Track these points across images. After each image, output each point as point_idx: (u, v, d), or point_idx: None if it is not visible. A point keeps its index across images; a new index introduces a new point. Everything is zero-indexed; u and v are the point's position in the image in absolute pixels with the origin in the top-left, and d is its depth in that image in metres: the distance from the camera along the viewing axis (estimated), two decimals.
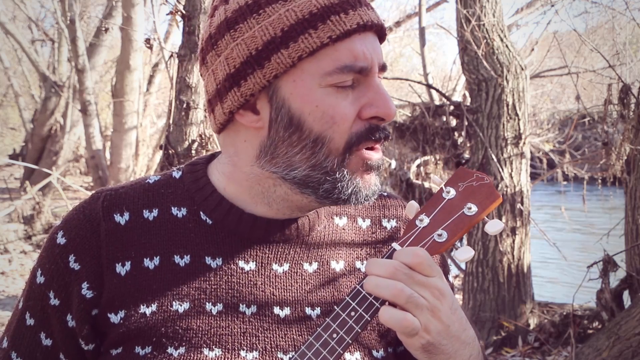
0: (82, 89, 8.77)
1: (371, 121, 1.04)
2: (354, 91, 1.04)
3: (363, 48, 1.03)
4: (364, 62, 1.02)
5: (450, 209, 1.03)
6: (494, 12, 5.05)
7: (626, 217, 4.35)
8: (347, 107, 1.03)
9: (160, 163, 3.28)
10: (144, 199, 1.13)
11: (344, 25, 1.01)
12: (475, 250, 5.04)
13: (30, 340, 1.12)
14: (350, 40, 1.02)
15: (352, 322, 0.97)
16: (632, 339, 3.43)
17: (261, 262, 1.10)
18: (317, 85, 1.02)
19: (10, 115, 20.48)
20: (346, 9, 1.02)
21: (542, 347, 4.82)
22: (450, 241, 1.01)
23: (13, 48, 14.89)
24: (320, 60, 1.01)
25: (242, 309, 1.07)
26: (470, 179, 1.05)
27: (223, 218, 1.10)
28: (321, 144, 1.03)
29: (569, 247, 8.31)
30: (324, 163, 1.03)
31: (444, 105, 5.39)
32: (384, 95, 1.04)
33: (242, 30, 1.03)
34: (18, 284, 7.02)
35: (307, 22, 1.01)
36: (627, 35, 6.23)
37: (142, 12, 8.10)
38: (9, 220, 8.98)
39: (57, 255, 1.09)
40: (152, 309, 1.06)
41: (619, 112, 4.30)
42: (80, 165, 15.40)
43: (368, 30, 1.04)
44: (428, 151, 5.37)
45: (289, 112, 1.03)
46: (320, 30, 1.00)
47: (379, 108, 1.04)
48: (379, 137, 1.05)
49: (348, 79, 1.02)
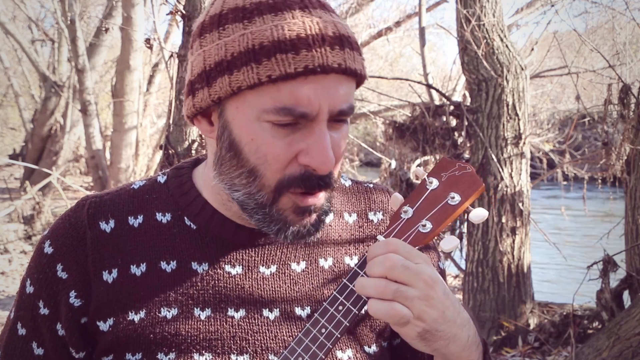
0: (82, 89, 8.76)
1: (307, 168, 0.99)
2: (296, 132, 0.98)
3: (309, 93, 0.96)
4: (307, 108, 0.96)
5: (433, 199, 1.03)
6: (494, 12, 5.05)
7: (626, 217, 4.35)
8: (281, 147, 0.98)
9: (160, 163, 3.27)
10: (128, 206, 1.12)
11: (287, 66, 0.94)
12: (475, 250, 5.04)
13: (22, 350, 1.12)
14: (294, 82, 0.95)
15: (340, 317, 0.97)
16: (632, 339, 3.43)
17: (247, 265, 1.09)
18: (255, 118, 0.98)
19: (10, 115, 20.47)
20: (298, 48, 0.95)
21: (542, 347, 4.82)
22: (435, 231, 1.01)
23: (13, 48, 14.88)
24: (261, 95, 0.97)
25: (231, 313, 1.07)
26: (452, 169, 1.05)
27: (207, 223, 1.10)
28: (254, 177, 1.00)
29: (569, 247, 8.30)
30: (256, 195, 1.01)
31: (444, 105, 5.39)
32: (323, 145, 0.97)
33: (207, 40, 1.02)
34: (18, 284, 7.00)
35: (254, 53, 0.96)
36: (627, 35, 6.23)
37: (142, 12, 8.10)
38: (9, 220, 8.97)
39: (44, 265, 1.10)
40: (141, 315, 1.06)
41: (619, 112, 4.30)
42: (80, 165, 15.39)
43: (324, 73, 0.96)
44: (428, 151, 5.37)
45: (230, 136, 1.01)
46: (263, 66, 0.95)
47: (312, 159, 0.98)
48: (313, 186, 1.00)
49: (286, 120, 0.97)
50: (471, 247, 5.09)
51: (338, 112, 0.99)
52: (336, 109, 0.99)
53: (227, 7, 1.01)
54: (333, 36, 0.97)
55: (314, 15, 0.99)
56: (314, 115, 0.97)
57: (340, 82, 0.98)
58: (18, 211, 9.00)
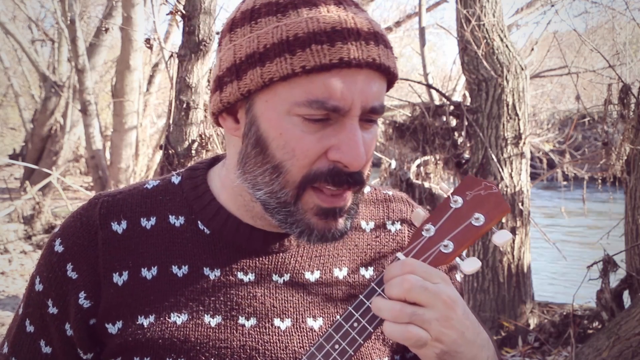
0: (82, 89, 8.76)
1: (337, 164, 0.97)
2: (327, 127, 0.96)
3: (343, 86, 0.94)
4: (340, 102, 0.94)
5: (457, 219, 1.00)
6: (494, 12, 5.05)
7: (626, 217, 4.35)
8: (311, 142, 0.96)
9: (160, 163, 3.27)
10: (141, 207, 1.10)
11: (322, 57, 0.93)
12: (475, 250, 5.05)
13: (29, 348, 1.11)
14: (329, 74, 0.94)
15: (354, 334, 0.95)
16: (632, 339, 3.43)
17: (260, 273, 1.07)
18: (285, 112, 0.96)
19: (10, 115, 20.47)
20: (334, 40, 0.94)
21: (542, 347, 4.82)
22: (457, 252, 0.99)
23: (13, 48, 14.88)
24: (293, 88, 0.95)
25: (241, 321, 1.05)
26: (478, 188, 1.02)
27: (221, 228, 1.08)
28: (279, 173, 0.98)
29: (569, 247, 8.30)
30: (278, 193, 0.98)
31: (444, 105, 5.39)
32: (354, 141, 0.95)
33: (238, 34, 1.00)
34: (18, 284, 7.02)
35: (288, 44, 0.94)
36: (627, 35, 6.23)
37: (142, 12, 8.10)
38: (9, 220, 8.97)
39: (55, 264, 1.08)
40: (150, 320, 1.05)
41: (619, 112, 4.29)
42: (80, 165, 15.39)
43: (358, 68, 0.95)
44: (428, 151, 5.37)
45: (257, 132, 0.99)
46: (297, 57, 0.94)
47: (343, 154, 0.95)
48: (341, 182, 0.97)
49: (318, 114, 0.95)
50: (471, 247, 5.09)
51: (370, 108, 0.97)
52: (369, 105, 0.97)
53: (260, 2, 1.00)
54: (368, 31, 0.96)
55: (349, 10, 0.98)
56: (346, 110, 0.95)
57: (373, 78, 0.97)
58: (18, 211, 9.00)
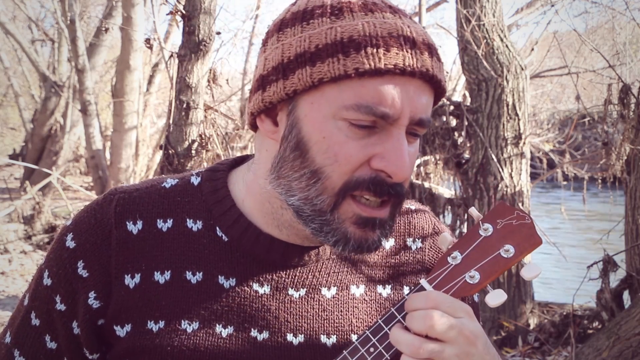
0: (82, 89, 8.76)
1: (380, 173, 0.94)
2: (373, 135, 0.93)
3: (394, 93, 0.91)
4: (390, 109, 0.92)
5: (485, 248, 0.97)
6: (494, 12, 5.05)
7: (626, 217, 4.35)
8: (355, 148, 0.93)
9: (160, 163, 3.27)
10: (158, 207, 1.07)
11: (377, 61, 0.90)
12: None
13: (34, 341, 1.09)
14: (381, 79, 0.91)
15: (370, 359, 0.93)
16: (632, 339, 3.43)
17: (276, 286, 1.04)
18: (331, 115, 0.93)
19: (10, 115, 20.46)
20: (390, 46, 0.91)
21: (542, 347, 4.82)
22: (483, 283, 0.96)
23: (13, 48, 14.88)
24: (343, 90, 0.92)
25: (254, 334, 1.03)
26: (509, 217, 0.98)
27: (240, 236, 1.04)
28: (317, 178, 0.95)
29: (569, 247, 8.30)
30: (315, 200, 0.95)
31: (444, 105, 5.39)
32: (400, 152, 0.93)
33: (287, 34, 0.97)
34: (18, 284, 7.02)
35: (342, 45, 0.92)
36: (627, 35, 6.23)
37: (142, 12, 8.10)
38: (9, 220, 8.97)
39: (65, 259, 1.06)
40: (160, 326, 1.02)
41: (619, 112, 4.29)
42: (80, 165, 15.38)
43: (411, 77, 0.92)
44: (428, 151, 5.37)
45: (299, 134, 0.96)
46: (351, 59, 0.91)
47: (388, 163, 0.93)
48: (383, 192, 0.94)
49: (366, 120, 0.92)
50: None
51: (418, 120, 0.95)
52: (417, 116, 0.94)
53: (313, 4, 0.98)
54: (423, 42, 0.94)
55: (404, 19, 0.96)
56: (395, 119, 0.93)
57: (424, 90, 0.95)
58: (18, 211, 8.99)
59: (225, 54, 16.11)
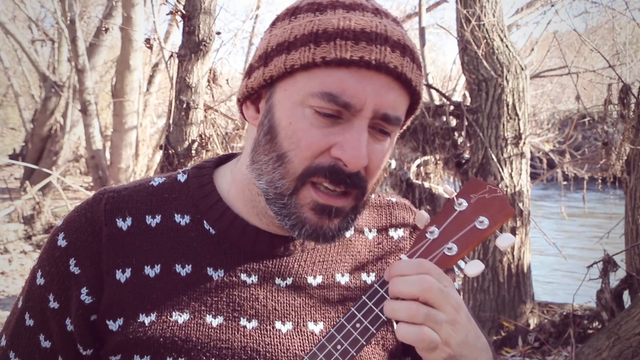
0: (82, 89, 8.75)
1: (338, 162, 0.97)
2: (336, 125, 0.97)
3: (358, 85, 0.95)
4: (352, 99, 0.95)
5: (461, 222, 1.01)
6: (494, 12, 5.05)
7: (626, 217, 4.35)
8: (317, 136, 0.97)
9: (160, 163, 3.27)
10: (147, 204, 1.10)
11: (343, 52, 0.95)
12: (475, 250, 5.04)
13: (28, 341, 1.11)
14: (347, 70, 0.95)
15: (357, 334, 0.95)
16: (632, 339, 3.43)
17: (264, 276, 1.08)
18: (300, 102, 0.98)
19: (10, 115, 20.46)
20: (359, 39, 0.95)
21: (542, 347, 4.82)
22: (461, 255, 0.99)
23: (13, 48, 14.88)
24: (311, 78, 0.97)
25: (243, 323, 1.06)
26: (482, 191, 1.02)
27: (226, 229, 1.08)
28: (281, 162, 0.99)
29: (568, 247, 8.30)
30: (277, 183, 0.99)
31: (444, 105, 5.39)
32: (358, 142, 0.96)
33: (277, 27, 1.04)
34: (18, 284, 7.02)
35: (315, 36, 0.96)
36: (627, 35, 6.23)
37: (142, 12, 8.10)
38: (9, 220, 8.97)
39: (57, 258, 1.08)
40: (152, 318, 1.05)
41: (619, 112, 4.30)
42: (80, 165, 15.39)
43: (377, 71, 0.96)
44: (428, 151, 5.37)
45: (271, 120, 1.00)
46: (321, 48, 0.96)
47: (344, 151, 0.96)
48: (339, 180, 0.97)
49: (329, 108, 0.96)
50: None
51: (383, 115, 0.97)
52: (382, 110, 0.97)
53: (306, 2, 1.03)
54: (397, 41, 0.97)
55: (385, 21, 0.99)
56: (357, 110, 0.96)
57: (392, 87, 0.97)
58: (18, 211, 9.00)
59: (225, 54, 16.08)
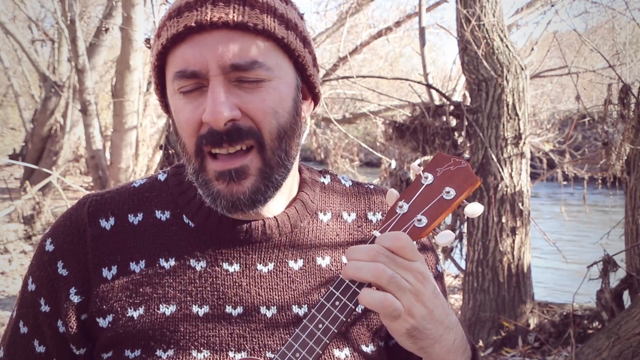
0: (82, 89, 8.75)
1: (208, 125, 1.01)
2: (201, 97, 1.01)
3: (195, 52, 0.99)
4: (195, 67, 0.99)
5: (429, 194, 1.03)
6: (494, 12, 5.05)
7: (626, 217, 4.35)
8: (190, 112, 1.01)
9: (160, 163, 3.28)
10: (129, 204, 1.13)
11: (173, 30, 1.00)
12: (475, 250, 5.04)
13: (24, 349, 1.13)
14: (184, 44, 0.99)
15: (336, 312, 0.97)
16: (632, 339, 3.43)
17: (245, 263, 1.10)
18: (173, 92, 1.04)
19: (10, 115, 20.47)
20: (182, 12, 1.00)
21: (542, 347, 4.82)
22: (431, 226, 1.01)
23: (13, 48, 14.88)
24: (169, 67, 1.03)
25: (229, 311, 1.08)
26: (447, 164, 1.05)
27: (204, 221, 1.11)
28: (183, 148, 1.06)
29: (569, 247, 8.30)
30: (189, 168, 1.06)
31: (444, 105, 5.39)
32: (212, 100, 0.99)
33: None
34: (18, 284, 7.02)
35: (159, 29, 1.03)
36: (627, 35, 6.22)
37: (142, 12, 8.09)
38: (9, 220, 8.97)
39: (46, 262, 1.11)
40: (140, 312, 1.07)
41: (619, 112, 4.30)
42: (80, 165, 15.39)
43: (209, 30, 0.98)
44: (428, 151, 5.37)
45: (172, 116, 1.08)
46: (161, 39, 1.02)
47: (205, 114, 0.99)
48: (216, 142, 1.00)
49: (186, 84, 1.01)
50: (471, 247, 5.09)
51: (231, 66, 0.98)
52: (227, 63, 0.98)
53: None
54: None
55: None
56: (205, 73, 0.99)
57: (230, 38, 0.99)
58: (18, 211, 9.00)
59: None
